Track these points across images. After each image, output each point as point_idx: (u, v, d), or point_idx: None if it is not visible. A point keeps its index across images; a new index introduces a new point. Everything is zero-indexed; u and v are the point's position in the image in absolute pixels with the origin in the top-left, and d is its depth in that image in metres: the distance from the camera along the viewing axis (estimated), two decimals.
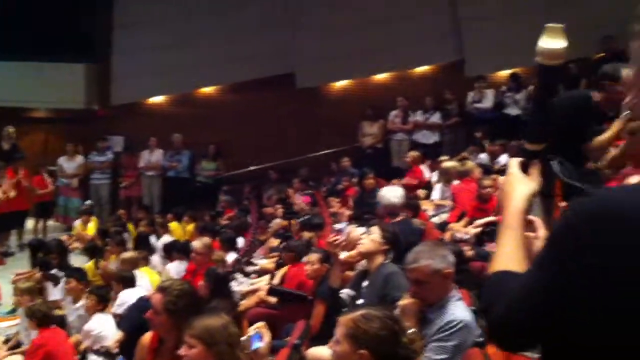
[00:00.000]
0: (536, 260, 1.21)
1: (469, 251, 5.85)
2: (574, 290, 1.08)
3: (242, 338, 2.68)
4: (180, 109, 13.71)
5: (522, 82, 11.22)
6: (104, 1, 13.64)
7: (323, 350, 3.50)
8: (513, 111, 11.21)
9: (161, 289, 3.39)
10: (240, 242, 8.74)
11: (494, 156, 9.88)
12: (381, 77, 13.23)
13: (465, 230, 6.43)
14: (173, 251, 7.70)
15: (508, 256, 1.37)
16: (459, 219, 7.18)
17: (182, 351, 2.80)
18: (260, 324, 2.69)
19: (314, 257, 5.32)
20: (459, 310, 3.29)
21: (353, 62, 12.61)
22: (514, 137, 9.33)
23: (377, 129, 12.45)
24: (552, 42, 1.48)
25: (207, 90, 13.76)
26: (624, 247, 1.03)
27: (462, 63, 12.44)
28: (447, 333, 3.21)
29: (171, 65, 12.81)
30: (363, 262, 4.56)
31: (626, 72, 2.73)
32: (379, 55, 12.50)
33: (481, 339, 3.27)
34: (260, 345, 2.62)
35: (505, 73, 12.13)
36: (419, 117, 12.23)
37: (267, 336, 2.64)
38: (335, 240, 4.42)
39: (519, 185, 1.47)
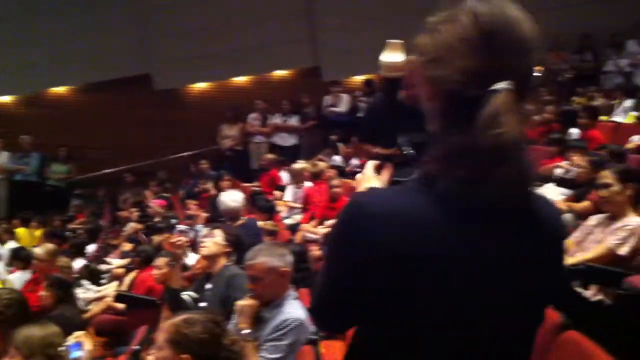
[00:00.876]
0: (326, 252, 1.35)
1: (317, 251, 6.02)
2: (347, 279, 1.23)
3: (60, 348, 2.62)
4: (29, 109, 13.02)
5: (375, 87, 11.67)
6: None
7: None
8: None
9: None
10: (91, 247, 8.46)
11: (348, 158, 10.21)
12: (240, 80, 13.29)
13: (314, 231, 6.61)
14: (15, 259, 7.32)
15: None
16: (312, 219, 7.36)
17: None
18: (79, 332, 2.65)
19: (161, 261, 5.25)
20: (294, 309, 3.38)
21: (212, 65, 12.53)
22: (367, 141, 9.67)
23: (237, 131, 12.49)
24: (391, 56, 1.58)
25: (59, 90, 13.15)
26: (375, 241, 1.17)
27: (319, 68, 12.77)
28: (281, 332, 3.29)
29: (17, 64, 12.13)
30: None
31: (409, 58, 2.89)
32: (238, 59, 12.53)
33: (314, 337, 3.38)
34: (79, 354, 2.57)
35: (359, 79, 12.56)
36: (277, 120, 12.41)
37: (87, 345, 2.60)
38: (177, 242, 4.41)
39: (364, 184, 1.54)
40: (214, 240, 4.31)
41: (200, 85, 13.29)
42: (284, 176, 9.74)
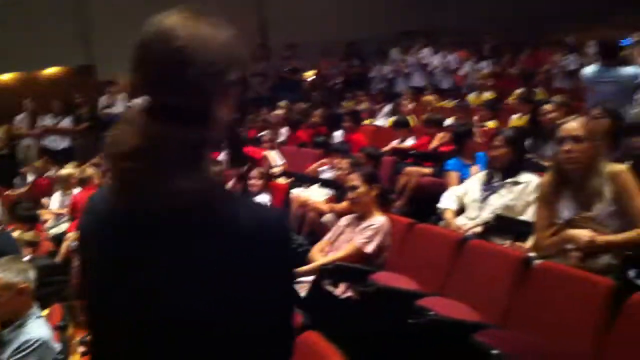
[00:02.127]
0: None
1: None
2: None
3: None
4: None
5: None
6: None
7: None
8: None
9: None
10: None
11: None
12: (5, 77, 12.33)
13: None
14: None
15: None
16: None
17: None
18: None
19: None
20: (36, 328, 3.21)
21: None
22: None
23: (2, 133, 11.57)
24: None
25: None
26: (87, 229, 1.28)
27: (93, 67, 12.27)
28: (23, 354, 3.11)
29: None
30: None
31: None
32: (2, 54, 11.59)
33: (60, 357, 3.24)
34: None
35: None
36: (48, 121, 11.69)
37: None
38: None
39: None
40: None
41: None
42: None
